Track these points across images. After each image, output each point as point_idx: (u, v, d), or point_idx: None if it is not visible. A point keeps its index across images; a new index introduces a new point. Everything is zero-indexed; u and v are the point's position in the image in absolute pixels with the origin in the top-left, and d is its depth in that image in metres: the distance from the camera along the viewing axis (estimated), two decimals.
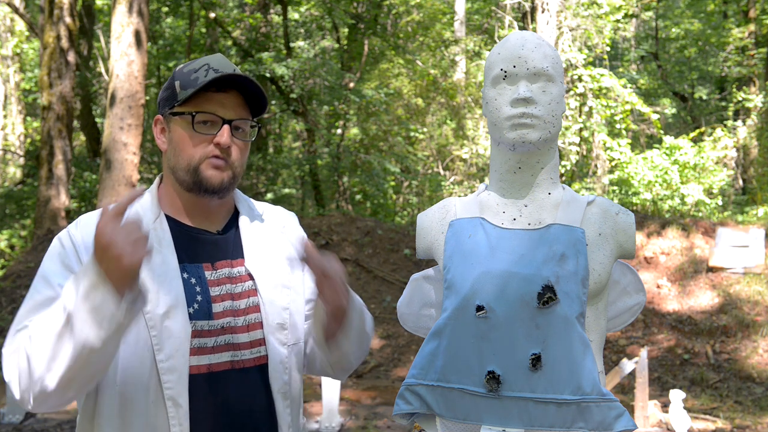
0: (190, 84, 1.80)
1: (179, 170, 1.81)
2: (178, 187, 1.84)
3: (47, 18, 11.79)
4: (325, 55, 17.31)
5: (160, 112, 1.87)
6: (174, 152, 1.82)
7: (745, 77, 17.40)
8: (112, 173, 11.25)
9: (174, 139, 1.83)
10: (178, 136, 1.82)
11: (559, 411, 1.81)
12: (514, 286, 1.83)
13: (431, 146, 15.79)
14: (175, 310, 1.73)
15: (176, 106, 1.81)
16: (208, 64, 1.83)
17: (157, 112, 1.91)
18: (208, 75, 1.80)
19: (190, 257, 1.80)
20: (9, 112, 20.25)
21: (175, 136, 1.82)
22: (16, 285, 9.89)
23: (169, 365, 1.70)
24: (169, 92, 1.85)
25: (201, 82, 1.79)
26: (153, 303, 1.71)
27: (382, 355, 9.18)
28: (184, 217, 1.85)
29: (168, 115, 1.84)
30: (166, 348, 1.70)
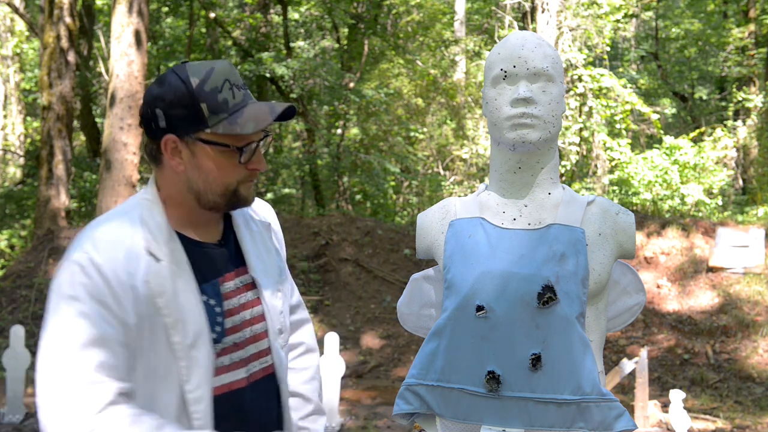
0: (221, 108, 1.66)
1: (209, 194, 1.72)
2: (193, 204, 1.74)
3: (47, 18, 11.79)
4: (325, 55, 17.30)
5: (175, 133, 1.68)
6: (203, 179, 1.70)
7: (745, 77, 17.40)
8: (112, 173, 11.25)
9: (202, 165, 1.69)
10: (210, 164, 1.69)
11: (559, 411, 1.81)
12: (514, 286, 1.83)
13: (431, 146, 15.79)
14: (201, 338, 1.69)
15: (207, 132, 1.68)
16: (228, 80, 1.69)
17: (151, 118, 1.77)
18: (235, 96, 1.68)
19: (204, 276, 1.75)
20: (9, 112, 20.26)
21: (205, 163, 1.69)
22: (16, 285, 9.90)
23: (197, 395, 1.67)
24: (188, 112, 1.66)
25: (235, 105, 1.68)
26: (181, 333, 1.66)
27: (382, 355, 9.18)
28: (190, 230, 1.78)
29: (191, 138, 1.68)
30: (193, 378, 1.67)
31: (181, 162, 1.70)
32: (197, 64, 1.71)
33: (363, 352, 9.26)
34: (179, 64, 1.74)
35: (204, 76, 1.67)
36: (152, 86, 1.71)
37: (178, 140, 1.68)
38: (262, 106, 1.70)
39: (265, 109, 1.70)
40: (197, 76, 1.67)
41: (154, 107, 1.68)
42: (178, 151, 1.69)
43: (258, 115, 1.68)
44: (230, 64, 1.73)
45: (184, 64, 1.72)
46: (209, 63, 1.71)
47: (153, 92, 1.69)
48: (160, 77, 1.72)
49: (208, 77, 1.67)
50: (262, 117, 1.68)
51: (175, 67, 1.72)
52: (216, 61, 1.74)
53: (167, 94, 1.67)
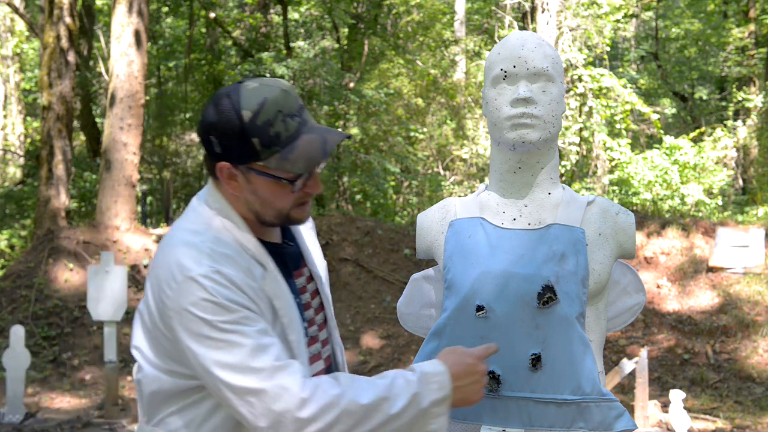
0: (273, 142, 1.66)
1: (266, 216, 1.76)
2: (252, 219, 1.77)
3: (47, 18, 11.79)
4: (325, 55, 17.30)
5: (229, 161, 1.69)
6: (260, 203, 1.74)
7: (745, 77, 17.39)
8: (112, 173, 11.24)
9: (257, 192, 1.72)
10: (265, 191, 1.72)
11: (559, 411, 1.81)
12: (514, 286, 1.83)
13: (431, 146, 15.79)
14: (300, 335, 1.75)
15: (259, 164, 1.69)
16: (281, 111, 1.67)
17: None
18: (288, 127, 1.68)
19: (286, 275, 1.80)
20: (9, 112, 20.25)
21: (260, 190, 1.72)
22: (16, 285, 9.90)
23: None
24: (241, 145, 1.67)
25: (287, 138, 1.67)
26: (295, 332, 1.73)
27: (382, 355, 9.18)
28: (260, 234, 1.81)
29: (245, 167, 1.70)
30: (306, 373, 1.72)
31: (238, 186, 1.72)
32: (252, 91, 1.67)
33: (363, 352, 9.27)
34: (236, 84, 1.70)
35: (256, 109, 1.65)
36: (209, 109, 1.70)
37: (232, 167, 1.70)
38: (315, 140, 1.70)
39: (318, 145, 1.70)
40: (249, 109, 1.65)
41: (209, 134, 1.69)
42: (234, 176, 1.71)
43: (310, 152, 1.68)
44: (285, 88, 1.70)
45: (240, 85, 1.69)
46: (263, 90, 1.67)
47: (208, 118, 1.69)
48: (215, 98, 1.70)
49: (261, 109, 1.65)
50: (314, 155, 1.68)
51: (231, 89, 1.69)
52: (270, 85, 1.69)
53: (220, 123, 1.67)
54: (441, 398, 1.65)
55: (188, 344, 1.60)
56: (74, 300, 9.75)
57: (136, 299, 9.88)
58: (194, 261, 1.63)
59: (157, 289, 1.66)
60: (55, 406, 7.93)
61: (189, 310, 1.60)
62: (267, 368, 1.58)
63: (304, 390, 1.57)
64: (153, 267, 1.71)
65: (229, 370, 1.58)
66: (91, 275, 7.40)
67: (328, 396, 1.58)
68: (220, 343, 1.58)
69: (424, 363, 1.69)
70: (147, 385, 1.71)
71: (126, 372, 8.63)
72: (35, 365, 8.67)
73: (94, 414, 7.49)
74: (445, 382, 1.66)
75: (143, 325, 1.72)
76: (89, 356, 9.17)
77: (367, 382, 1.64)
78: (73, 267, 10.10)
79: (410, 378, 1.64)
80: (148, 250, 10.60)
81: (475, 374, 1.70)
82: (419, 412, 1.63)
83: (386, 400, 1.60)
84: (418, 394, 1.62)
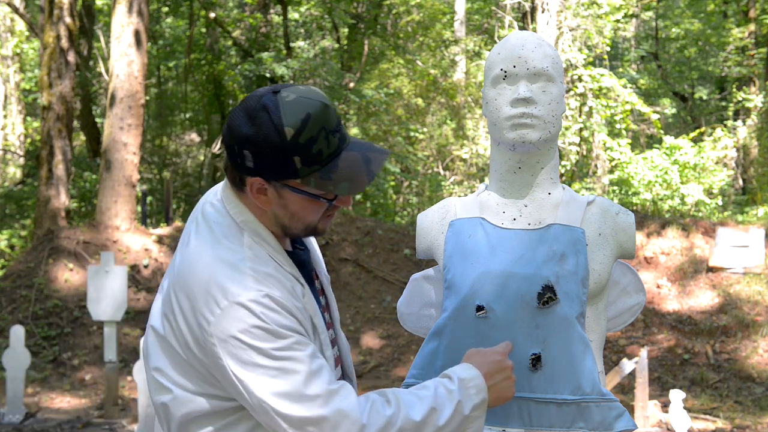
0: (314, 160, 1.58)
1: (294, 229, 1.69)
2: (278, 231, 1.70)
3: (47, 18, 11.79)
4: (325, 55, 17.30)
5: (262, 176, 1.61)
6: (289, 217, 1.67)
7: (745, 77, 17.39)
8: (112, 173, 11.25)
9: (288, 207, 1.65)
10: (296, 207, 1.65)
11: (559, 411, 1.81)
12: (514, 286, 1.83)
13: (431, 146, 15.79)
14: (330, 348, 1.72)
15: (296, 182, 1.61)
16: (324, 128, 1.58)
17: None
18: (330, 144, 1.59)
19: (308, 281, 1.76)
20: (9, 112, 20.25)
21: (291, 206, 1.65)
22: (16, 285, 9.90)
23: None
24: (280, 163, 1.58)
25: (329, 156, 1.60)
26: (328, 347, 1.68)
27: (382, 355, 9.18)
28: (283, 242, 1.76)
29: (279, 184, 1.62)
30: None
31: (267, 200, 1.64)
32: (292, 105, 1.57)
33: (363, 352, 9.26)
34: (271, 95, 1.59)
35: (300, 126, 1.55)
36: (241, 120, 1.58)
37: (265, 182, 1.61)
38: (357, 159, 1.63)
39: (361, 166, 1.63)
40: (292, 126, 1.55)
41: (242, 148, 1.58)
42: (264, 191, 1.63)
43: (354, 173, 1.61)
44: (325, 102, 1.61)
45: (277, 96, 1.58)
46: (305, 104, 1.58)
47: (242, 131, 1.57)
48: (249, 109, 1.59)
49: (304, 127, 1.56)
50: (359, 178, 1.62)
51: (268, 101, 1.58)
52: (311, 98, 1.60)
53: (259, 139, 1.56)
54: (480, 402, 1.64)
55: (236, 373, 1.52)
56: (74, 300, 9.75)
57: (135, 299, 9.88)
58: (239, 284, 1.54)
59: (191, 313, 1.56)
60: (55, 406, 7.93)
61: (238, 338, 1.51)
62: (323, 394, 1.52)
63: (362, 414, 1.53)
64: (180, 285, 1.60)
65: (285, 400, 1.51)
66: (91, 275, 7.40)
67: (384, 417, 1.55)
68: (273, 371, 1.51)
69: (457, 369, 1.68)
70: (177, 408, 1.62)
71: (126, 372, 8.63)
72: (35, 365, 8.67)
73: (94, 414, 7.49)
74: (481, 386, 1.65)
75: (167, 347, 1.62)
76: (89, 356, 9.17)
77: (411, 395, 1.61)
78: (73, 267, 10.10)
79: (450, 387, 1.63)
80: (148, 250, 10.60)
81: (505, 370, 1.70)
82: (462, 419, 1.62)
83: (434, 412, 1.59)
84: (460, 402, 1.62)
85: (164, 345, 1.62)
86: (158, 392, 1.65)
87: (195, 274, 1.58)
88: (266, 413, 1.52)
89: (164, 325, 1.62)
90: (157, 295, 1.74)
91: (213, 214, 1.68)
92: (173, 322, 1.60)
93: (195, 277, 1.58)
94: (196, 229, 1.68)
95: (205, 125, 18.96)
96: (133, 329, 9.49)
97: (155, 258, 10.51)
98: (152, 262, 10.46)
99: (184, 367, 1.60)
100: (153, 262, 10.47)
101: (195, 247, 1.63)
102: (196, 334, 1.55)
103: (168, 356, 1.62)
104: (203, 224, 1.67)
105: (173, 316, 1.60)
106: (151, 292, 10.06)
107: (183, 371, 1.60)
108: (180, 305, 1.58)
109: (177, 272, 1.63)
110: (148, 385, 1.70)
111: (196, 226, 1.69)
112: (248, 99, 1.61)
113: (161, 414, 1.66)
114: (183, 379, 1.60)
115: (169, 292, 1.63)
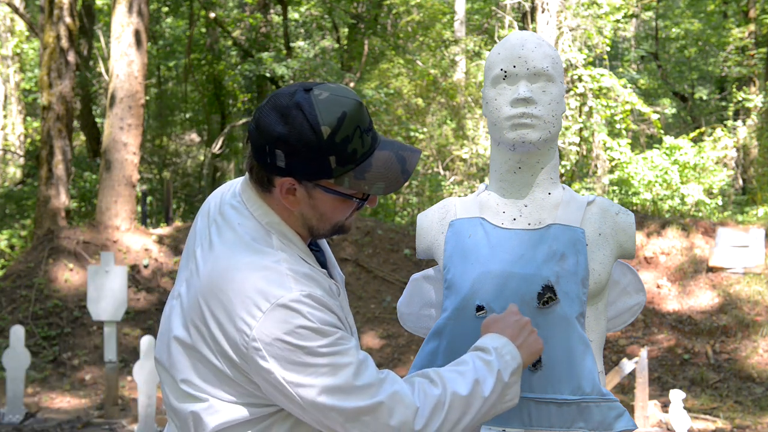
0: (349, 160, 1.56)
1: (321, 229, 1.67)
2: (304, 232, 1.67)
3: (47, 18, 11.79)
4: (325, 55, 17.31)
5: (293, 176, 1.57)
6: (317, 218, 1.64)
7: (745, 77, 17.38)
8: (112, 173, 11.24)
9: (318, 207, 1.62)
10: (327, 207, 1.62)
11: (559, 411, 1.81)
12: (513, 286, 1.83)
13: (431, 146, 15.79)
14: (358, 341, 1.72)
15: (330, 182, 1.59)
16: (359, 127, 1.56)
17: None
18: (364, 143, 1.57)
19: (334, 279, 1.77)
20: (9, 112, 20.25)
21: (321, 206, 1.62)
22: (16, 285, 9.89)
23: None
24: (315, 162, 1.55)
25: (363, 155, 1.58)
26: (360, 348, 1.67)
27: (382, 355, 9.18)
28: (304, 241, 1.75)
29: (311, 184, 1.59)
30: None
31: (296, 201, 1.61)
32: (328, 105, 1.54)
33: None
34: (304, 93, 1.56)
35: (336, 125, 1.53)
36: (273, 118, 1.55)
37: (296, 182, 1.58)
38: (390, 158, 1.60)
39: (395, 165, 1.60)
40: (329, 125, 1.52)
41: (274, 147, 1.54)
42: (294, 191, 1.60)
43: (389, 172, 1.59)
44: (359, 101, 1.58)
45: (309, 93, 1.55)
46: (340, 103, 1.55)
47: (275, 129, 1.53)
48: (282, 108, 1.55)
49: (340, 126, 1.53)
50: (394, 177, 1.60)
51: (301, 99, 1.54)
52: (344, 96, 1.57)
53: (293, 138, 1.52)
54: (517, 367, 1.66)
55: (284, 376, 1.49)
56: (74, 300, 9.75)
57: (135, 299, 9.88)
58: (280, 286, 1.52)
59: (227, 319, 1.52)
60: (55, 406, 7.93)
61: (284, 340, 1.49)
62: (374, 382, 1.53)
63: (415, 397, 1.55)
64: (212, 292, 1.55)
65: (339, 394, 1.50)
66: (91, 275, 7.40)
67: (434, 398, 1.56)
68: (324, 369, 1.50)
69: (486, 339, 1.68)
70: (212, 418, 1.57)
71: (126, 372, 8.63)
72: (35, 365, 8.66)
73: (94, 414, 7.49)
74: (514, 351, 1.66)
75: (197, 357, 1.57)
76: (89, 356, 9.17)
77: (453, 372, 1.62)
78: (73, 267, 10.10)
79: (488, 358, 1.64)
80: (148, 250, 10.60)
81: (526, 326, 1.71)
82: (503, 386, 1.63)
83: (478, 384, 1.60)
84: (500, 371, 1.63)
85: (193, 354, 1.58)
86: (185, 400, 1.61)
87: (229, 280, 1.54)
88: (320, 411, 1.51)
89: (191, 334, 1.58)
90: (170, 301, 1.68)
91: (235, 216, 1.63)
92: (204, 330, 1.56)
93: (229, 282, 1.54)
94: (218, 232, 1.63)
95: (205, 125, 18.97)
96: (133, 329, 9.50)
97: (155, 258, 10.51)
98: (152, 262, 10.46)
99: (219, 377, 1.56)
100: (153, 262, 10.47)
101: (223, 252, 1.59)
102: (235, 340, 1.52)
103: (199, 366, 1.58)
104: (226, 227, 1.63)
105: (203, 324, 1.56)
106: (151, 292, 10.07)
107: (217, 381, 1.56)
108: (212, 312, 1.54)
109: (205, 278, 1.58)
110: (167, 391, 1.65)
111: (218, 228, 1.64)
112: (278, 97, 1.57)
113: (189, 422, 1.61)
114: (216, 389, 1.57)
115: (195, 299, 1.58)
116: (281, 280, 1.53)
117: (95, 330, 9.46)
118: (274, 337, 1.49)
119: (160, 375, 1.68)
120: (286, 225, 1.64)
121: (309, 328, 1.50)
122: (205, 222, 1.69)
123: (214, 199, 1.73)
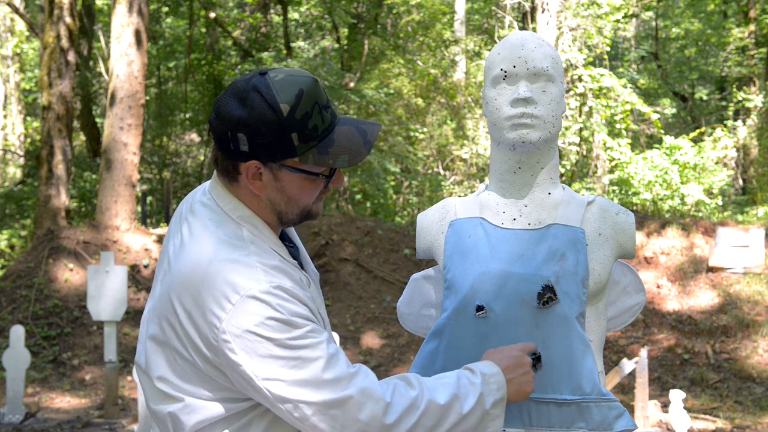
0: (311, 136, 1.56)
1: (290, 214, 1.66)
2: (273, 219, 1.67)
3: (47, 18, 11.79)
4: (325, 55, 17.31)
5: (258, 159, 1.58)
6: (285, 201, 1.64)
7: (745, 77, 17.39)
8: (112, 173, 11.25)
9: (285, 189, 1.62)
10: (294, 188, 1.62)
11: (559, 411, 1.81)
12: (513, 286, 1.83)
13: (431, 146, 15.79)
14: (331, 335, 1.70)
15: (294, 160, 1.59)
16: (317, 103, 1.58)
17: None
18: (324, 119, 1.58)
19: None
20: (9, 112, 20.25)
21: (288, 188, 1.62)
22: (16, 285, 9.90)
23: None
24: (277, 141, 1.55)
25: (324, 131, 1.59)
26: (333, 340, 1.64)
27: (382, 355, 9.18)
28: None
29: (276, 165, 1.59)
30: None
31: (263, 185, 1.61)
32: (283, 84, 1.55)
33: (363, 352, 9.26)
34: (259, 77, 1.57)
35: (294, 102, 1.54)
36: (231, 104, 1.56)
37: (261, 165, 1.59)
38: (352, 132, 1.62)
39: (357, 137, 1.62)
40: (287, 102, 1.54)
41: (236, 131, 1.55)
42: (260, 175, 1.60)
43: (351, 144, 1.61)
44: (314, 79, 1.60)
45: (265, 76, 1.57)
46: (296, 81, 1.57)
47: (234, 113, 1.55)
48: (238, 92, 1.56)
49: (299, 103, 1.55)
50: (357, 148, 1.61)
51: (257, 82, 1.56)
52: (299, 76, 1.59)
53: (252, 119, 1.54)
54: (500, 398, 1.64)
55: (253, 368, 1.49)
56: (74, 300, 9.75)
57: (135, 299, 9.88)
58: (249, 278, 1.51)
59: (198, 313, 1.52)
60: (55, 406, 7.93)
61: (253, 332, 1.48)
62: (344, 376, 1.52)
63: (386, 394, 1.53)
64: (183, 287, 1.55)
65: (308, 387, 1.49)
66: (91, 275, 7.41)
67: (408, 398, 1.55)
68: (293, 362, 1.49)
69: (479, 364, 1.68)
70: (189, 417, 1.57)
71: (126, 372, 8.63)
72: (35, 365, 8.67)
73: (94, 414, 7.49)
74: (502, 383, 1.65)
75: (170, 353, 1.57)
76: (89, 356, 9.17)
77: (434, 381, 1.61)
78: (73, 267, 10.10)
79: (473, 379, 1.63)
80: (148, 250, 10.60)
81: (524, 365, 1.70)
82: (483, 413, 1.61)
83: (458, 399, 1.59)
84: (482, 394, 1.61)
85: (167, 351, 1.58)
86: (162, 401, 1.60)
87: (199, 273, 1.54)
88: (289, 404, 1.50)
89: (165, 329, 1.57)
90: (148, 303, 1.68)
91: (206, 212, 1.63)
92: (176, 325, 1.55)
93: (199, 276, 1.54)
94: (189, 229, 1.63)
95: (205, 125, 18.95)
96: (133, 329, 9.50)
97: (155, 258, 10.51)
98: (152, 262, 10.47)
99: (193, 373, 1.56)
100: (153, 262, 10.47)
101: (193, 247, 1.58)
102: (205, 334, 1.51)
103: (172, 363, 1.57)
104: (196, 223, 1.62)
105: (176, 319, 1.55)
106: None
107: (191, 378, 1.56)
108: (184, 307, 1.54)
109: (176, 274, 1.58)
110: (147, 394, 1.64)
111: (189, 226, 1.63)
112: (235, 84, 1.58)
113: (167, 423, 1.60)
114: (191, 386, 1.56)
115: (167, 295, 1.57)
116: (251, 273, 1.52)
117: (95, 330, 9.46)
118: (243, 329, 1.48)
119: (141, 379, 1.67)
120: (257, 217, 1.64)
121: (279, 320, 1.49)
122: (177, 222, 1.70)
123: (187, 200, 1.74)
